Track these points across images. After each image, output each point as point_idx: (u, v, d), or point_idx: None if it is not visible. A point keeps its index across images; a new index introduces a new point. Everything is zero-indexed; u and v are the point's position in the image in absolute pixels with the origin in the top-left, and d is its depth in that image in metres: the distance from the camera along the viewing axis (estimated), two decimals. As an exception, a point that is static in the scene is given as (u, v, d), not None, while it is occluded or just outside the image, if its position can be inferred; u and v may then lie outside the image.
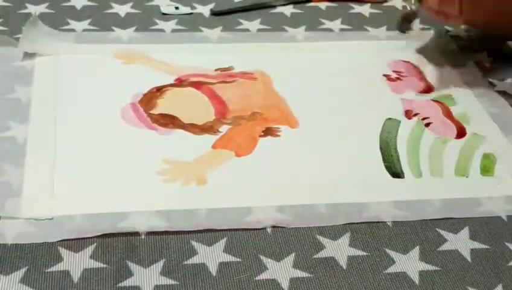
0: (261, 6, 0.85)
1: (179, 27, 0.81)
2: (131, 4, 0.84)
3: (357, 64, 0.77)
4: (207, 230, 0.53)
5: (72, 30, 0.77)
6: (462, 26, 0.84)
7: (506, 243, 0.55)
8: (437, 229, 0.56)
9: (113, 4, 0.84)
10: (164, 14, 0.83)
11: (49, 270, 0.49)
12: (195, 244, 0.52)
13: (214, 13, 0.83)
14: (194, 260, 0.51)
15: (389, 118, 0.68)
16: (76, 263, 0.50)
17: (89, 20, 0.80)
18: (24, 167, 0.57)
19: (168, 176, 0.58)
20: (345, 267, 0.52)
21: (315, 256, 0.52)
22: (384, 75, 0.75)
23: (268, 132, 0.65)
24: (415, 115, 0.69)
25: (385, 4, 0.90)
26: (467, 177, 0.62)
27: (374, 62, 0.77)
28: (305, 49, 0.78)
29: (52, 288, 0.48)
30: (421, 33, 0.84)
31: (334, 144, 0.64)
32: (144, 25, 0.80)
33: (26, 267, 0.49)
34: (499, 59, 0.80)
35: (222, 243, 0.53)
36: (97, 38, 0.77)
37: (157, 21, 0.81)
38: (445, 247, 0.54)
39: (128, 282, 0.49)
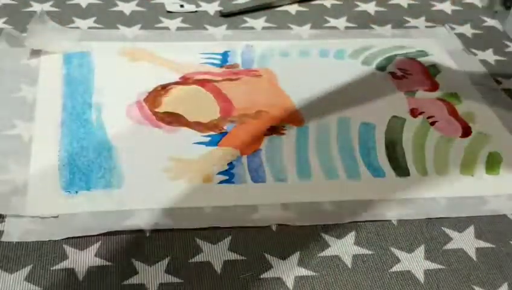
0: (270, 6, 0.85)
1: (183, 25, 0.81)
2: (136, 2, 0.84)
3: (362, 62, 0.76)
4: (212, 228, 0.53)
5: (77, 28, 0.78)
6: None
7: (512, 242, 0.55)
8: (442, 228, 0.56)
9: (118, 2, 0.84)
10: (169, 12, 0.83)
11: (54, 268, 0.49)
12: (200, 242, 0.52)
13: (223, 15, 0.83)
14: (199, 258, 0.51)
15: (395, 116, 0.68)
16: (81, 261, 0.50)
17: (94, 18, 0.80)
18: (29, 165, 0.57)
19: (173, 174, 0.58)
20: (350, 265, 0.52)
21: (320, 254, 0.52)
22: (390, 73, 0.75)
23: (273, 130, 0.65)
24: (421, 113, 0.69)
25: (390, 2, 0.90)
26: (472, 175, 0.62)
27: (379, 60, 0.77)
28: (310, 47, 0.78)
29: (57, 286, 0.48)
30: (426, 31, 0.84)
31: (339, 142, 0.64)
32: (149, 22, 0.80)
33: (32, 265, 0.49)
34: (505, 57, 0.80)
35: (227, 241, 0.53)
36: (102, 36, 0.77)
37: (162, 19, 0.81)
38: (450, 246, 0.54)
39: (133, 280, 0.49)
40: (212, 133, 0.63)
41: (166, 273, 0.50)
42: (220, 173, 0.59)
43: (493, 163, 0.63)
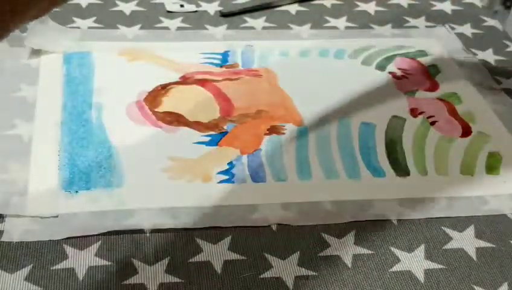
0: (270, 6, 0.85)
1: (184, 25, 0.81)
2: (136, 2, 0.84)
3: (362, 62, 0.76)
4: (212, 228, 0.53)
5: (77, 28, 0.77)
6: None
7: (512, 242, 0.55)
8: (442, 228, 0.56)
9: (118, 2, 0.84)
10: (169, 11, 0.83)
11: (54, 268, 0.49)
12: (200, 242, 0.52)
13: (223, 15, 0.83)
14: (199, 257, 0.51)
15: (394, 116, 0.68)
16: (81, 261, 0.50)
17: (94, 18, 0.80)
18: (29, 165, 0.57)
19: (173, 174, 0.58)
20: (350, 265, 0.52)
21: (320, 254, 0.52)
22: (390, 73, 0.75)
23: (273, 129, 0.65)
24: (421, 113, 0.69)
25: (390, 2, 0.90)
26: (472, 175, 0.62)
27: (379, 60, 0.77)
28: (310, 47, 0.78)
29: (57, 286, 0.48)
30: (426, 31, 0.84)
31: (339, 142, 0.64)
32: (149, 22, 0.80)
33: (32, 265, 0.49)
34: (505, 57, 0.80)
35: (227, 240, 0.53)
36: (102, 36, 0.77)
37: (162, 19, 0.81)
38: (450, 245, 0.54)
39: (133, 280, 0.49)
40: (212, 132, 0.63)
41: (166, 273, 0.49)
42: (220, 173, 0.59)
43: (493, 163, 0.63)
